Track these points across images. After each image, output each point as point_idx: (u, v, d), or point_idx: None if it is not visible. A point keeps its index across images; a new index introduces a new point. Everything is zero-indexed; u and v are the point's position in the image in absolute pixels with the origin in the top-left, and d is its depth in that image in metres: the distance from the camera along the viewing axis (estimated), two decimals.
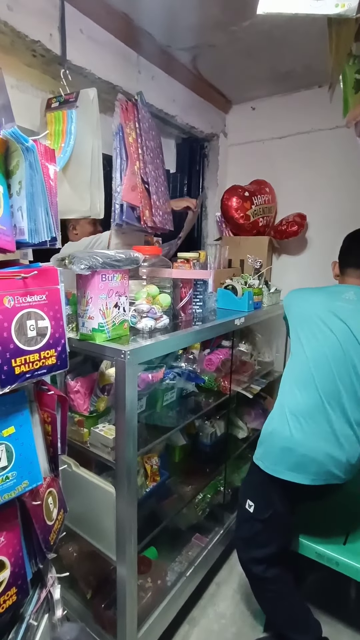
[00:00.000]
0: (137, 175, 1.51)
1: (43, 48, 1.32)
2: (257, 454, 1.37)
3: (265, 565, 1.37)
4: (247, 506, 1.38)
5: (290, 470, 1.26)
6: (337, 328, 1.26)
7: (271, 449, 1.30)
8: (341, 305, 1.30)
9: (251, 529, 1.38)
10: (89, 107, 1.34)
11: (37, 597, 0.94)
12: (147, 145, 1.54)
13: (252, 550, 1.39)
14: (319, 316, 1.32)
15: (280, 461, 1.27)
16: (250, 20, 1.61)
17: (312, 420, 1.24)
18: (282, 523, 1.36)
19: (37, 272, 0.77)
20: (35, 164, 0.74)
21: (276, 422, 1.30)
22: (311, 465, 1.24)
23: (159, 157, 1.70)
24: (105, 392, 1.27)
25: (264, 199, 2.26)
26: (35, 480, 0.83)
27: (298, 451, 1.24)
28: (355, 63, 1.09)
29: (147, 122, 1.59)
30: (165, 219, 1.64)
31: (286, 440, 1.26)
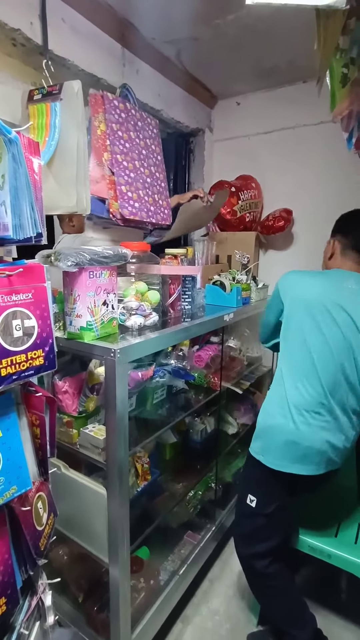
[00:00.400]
0: (105, 166, 1.49)
1: (23, 37, 1.27)
2: (256, 448, 1.34)
3: (269, 559, 1.36)
4: (249, 501, 1.36)
5: (295, 463, 1.26)
6: (342, 321, 1.22)
7: (274, 444, 1.28)
8: (346, 296, 1.25)
9: (253, 524, 1.36)
10: (73, 100, 1.30)
11: (27, 605, 0.91)
12: (119, 136, 1.52)
13: (255, 545, 1.37)
14: (325, 307, 1.24)
15: (284, 455, 1.27)
16: (234, 14, 1.60)
17: (315, 413, 1.24)
18: (285, 515, 1.37)
19: (22, 270, 0.73)
20: (19, 157, 0.71)
21: (278, 416, 1.28)
22: (315, 456, 1.25)
23: (147, 148, 1.67)
24: (94, 392, 1.24)
25: (251, 194, 2.26)
26: (24, 485, 0.80)
27: (303, 444, 1.24)
28: (342, 57, 1.09)
29: (125, 113, 1.55)
30: (146, 211, 1.61)
31: (291, 434, 1.25)
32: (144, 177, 1.64)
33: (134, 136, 1.61)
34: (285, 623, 1.40)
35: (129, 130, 1.58)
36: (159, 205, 1.70)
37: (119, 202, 1.49)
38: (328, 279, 1.33)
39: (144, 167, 1.64)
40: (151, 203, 1.65)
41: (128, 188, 1.54)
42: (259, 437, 1.35)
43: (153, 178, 1.69)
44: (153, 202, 1.67)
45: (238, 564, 1.83)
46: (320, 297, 1.26)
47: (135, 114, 1.62)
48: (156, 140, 1.73)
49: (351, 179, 2.09)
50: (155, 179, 1.70)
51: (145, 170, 1.65)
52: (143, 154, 1.64)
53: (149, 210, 1.64)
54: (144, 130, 1.67)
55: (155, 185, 1.69)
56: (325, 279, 1.33)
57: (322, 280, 1.32)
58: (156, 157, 1.72)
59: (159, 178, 1.72)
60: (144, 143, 1.66)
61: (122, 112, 1.56)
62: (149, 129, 1.69)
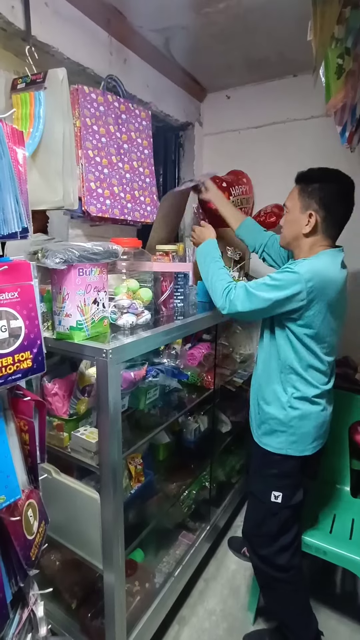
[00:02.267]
0: (78, 163, 1.44)
1: (4, 21, 1.21)
2: (278, 444, 1.29)
3: (292, 550, 1.34)
4: (273, 499, 1.31)
5: (319, 439, 1.33)
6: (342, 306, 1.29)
7: (302, 431, 1.28)
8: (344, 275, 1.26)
9: (280, 520, 1.32)
10: (58, 89, 1.25)
11: (18, 618, 0.87)
12: (93, 131, 1.47)
13: (280, 539, 1.33)
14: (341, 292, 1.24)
15: (314, 438, 1.30)
16: (225, 3, 1.56)
17: (327, 388, 1.31)
18: (304, 498, 1.38)
19: (7, 267, 0.69)
20: (2, 147, 0.66)
21: (305, 406, 1.27)
22: (329, 425, 1.35)
23: (130, 141, 1.61)
24: (85, 394, 1.20)
25: (242, 190, 2.23)
26: (13, 494, 0.76)
27: (326, 421, 1.33)
28: (338, 46, 1.07)
29: (104, 106, 1.50)
30: (120, 208, 1.55)
31: (319, 416, 1.29)
32: (122, 173, 1.58)
33: (114, 130, 1.55)
34: (294, 622, 1.38)
35: (107, 124, 1.52)
36: (139, 202, 1.63)
37: (86, 199, 1.45)
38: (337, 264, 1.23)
39: (124, 162, 1.58)
40: (128, 199, 1.59)
41: (99, 184, 1.49)
42: (280, 431, 1.29)
43: (135, 173, 1.62)
44: (131, 198, 1.60)
45: (233, 563, 1.83)
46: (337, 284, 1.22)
47: (118, 106, 1.57)
48: (144, 133, 1.67)
49: None
50: (137, 174, 1.63)
51: (125, 166, 1.59)
52: (124, 148, 1.58)
53: (125, 207, 1.57)
54: (129, 122, 1.61)
55: (136, 181, 1.63)
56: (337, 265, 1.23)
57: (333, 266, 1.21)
58: (142, 151, 1.66)
59: (142, 173, 1.65)
60: (127, 136, 1.60)
61: (100, 105, 1.51)
62: (135, 121, 1.63)
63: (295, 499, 1.32)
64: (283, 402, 1.28)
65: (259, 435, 1.36)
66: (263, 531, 1.36)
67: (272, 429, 1.31)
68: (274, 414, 1.30)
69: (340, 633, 1.52)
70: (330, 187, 1.22)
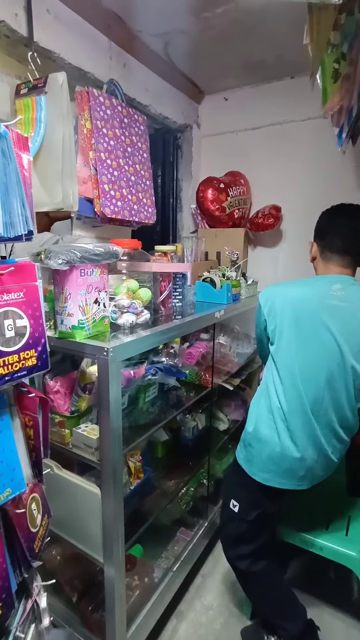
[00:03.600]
0: (89, 165, 1.47)
1: (8, 28, 1.23)
2: (241, 456, 1.33)
3: (251, 559, 1.37)
4: (232, 506, 1.36)
5: (278, 477, 1.24)
6: (327, 342, 1.17)
7: (258, 455, 1.26)
8: (333, 305, 1.17)
9: (237, 529, 1.36)
10: (58, 93, 1.27)
11: (22, 608, 0.90)
12: (103, 133, 1.50)
13: (239, 548, 1.38)
14: (311, 322, 1.19)
15: (268, 469, 1.25)
16: (223, 7, 1.59)
17: (300, 427, 1.21)
18: (268, 521, 1.37)
19: (13, 269, 0.72)
20: (9, 152, 0.69)
21: (264, 428, 1.25)
22: (299, 471, 1.23)
23: (133, 145, 1.65)
24: (86, 391, 1.23)
25: (239, 191, 2.26)
26: (18, 487, 0.79)
27: (287, 459, 1.22)
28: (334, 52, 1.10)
29: (111, 109, 1.53)
30: (129, 210, 1.59)
31: (275, 448, 1.22)
32: (128, 175, 1.62)
33: (120, 133, 1.58)
34: (276, 616, 1.41)
35: (114, 127, 1.56)
36: (143, 204, 1.67)
37: (101, 201, 1.48)
38: (311, 289, 1.24)
39: (129, 165, 1.62)
40: (134, 202, 1.63)
41: (111, 187, 1.52)
42: (244, 446, 1.33)
43: (138, 176, 1.66)
44: (137, 200, 1.64)
45: None
46: (304, 310, 1.20)
47: (121, 111, 1.60)
48: (143, 137, 1.71)
49: (339, 175, 2.11)
50: (140, 177, 1.67)
51: (130, 169, 1.63)
52: (128, 152, 1.62)
53: (132, 209, 1.61)
54: (131, 127, 1.65)
55: (139, 184, 1.67)
56: (309, 290, 1.24)
57: (306, 292, 1.24)
58: (142, 155, 1.70)
59: (143, 176, 1.69)
60: (130, 140, 1.64)
61: (107, 109, 1.54)
62: (135, 126, 1.67)
63: (250, 517, 1.32)
64: (253, 417, 1.31)
65: (239, 441, 1.40)
66: (224, 532, 1.44)
67: (242, 439, 1.36)
68: (246, 426, 1.34)
69: (335, 628, 1.55)
70: (325, 219, 1.33)
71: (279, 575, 1.45)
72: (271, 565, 1.41)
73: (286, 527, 1.52)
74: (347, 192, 2.07)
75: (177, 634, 1.51)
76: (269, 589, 1.41)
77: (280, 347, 1.24)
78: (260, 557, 1.38)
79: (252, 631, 1.50)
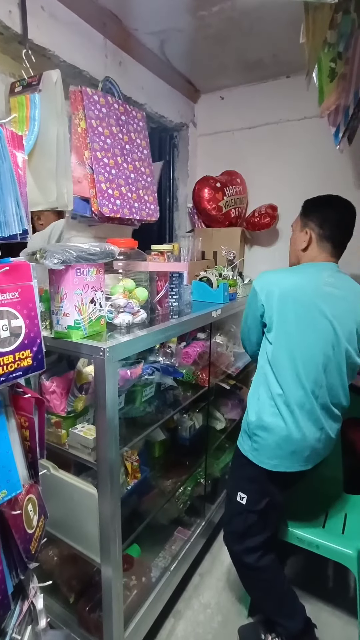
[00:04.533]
0: (85, 164, 1.46)
1: (2, 25, 1.22)
2: (246, 447, 1.34)
3: (260, 552, 1.37)
4: (239, 499, 1.35)
5: (286, 460, 1.27)
6: (323, 327, 1.22)
7: (265, 443, 1.27)
8: (325, 297, 1.23)
9: (245, 522, 1.36)
10: (52, 91, 1.26)
11: (19, 609, 0.89)
12: (99, 132, 1.49)
13: (246, 541, 1.37)
14: (307, 308, 1.23)
15: (276, 455, 1.27)
16: (219, 6, 1.58)
17: (303, 410, 1.24)
18: (276, 510, 1.38)
19: (8, 268, 0.71)
20: (3, 151, 0.68)
21: (267, 416, 1.27)
22: (304, 451, 1.27)
23: (131, 142, 1.63)
24: (83, 391, 1.22)
25: (236, 190, 2.26)
26: (14, 489, 0.78)
27: (293, 441, 1.25)
28: (330, 51, 1.10)
29: (106, 107, 1.52)
30: (129, 208, 1.58)
31: (282, 433, 1.25)
32: (127, 173, 1.61)
33: (117, 131, 1.57)
34: (277, 614, 1.42)
35: (110, 125, 1.54)
36: (144, 201, 1.67)
37: (99, 200, 1.47)
38: (306, 277, 1.28)
39: (128, 163, 1.61)
40: (135, 199, 1.62)
41: (108, 185, 1.51)
42: (248, 436, 1.34)
43: (138, 173, 1.65)
44: (137, 197, 1.63)
45: (227, 557, 1.84)
46: (302, 297, 1.24)
47: (118, 108, 1.59)
48: (142, 134, 1.70)
49: (335, 174, 2.12)
50: (140, 173, 1.66)
51: (129, 166, 1.62)
52: (127, 149, 1.61)
53: (132, 207, 1.60)
54: (128, 124, 1.63)
55: (140, 180, 1.66)
56: (303, 278, 1.28)
57: (301, 279, 1.28)
58: (141, 151, 1.69)
59: (144, 173, 1.68)
60: (128, 137, 1.63)
61: (103, 107, 1.53)
62: (133, 122, 1.66)
63: (259, 506, 1.33)
64: (255, 407, 1.32)
65: (240, 433, 1.40)
66: (231, 528, 1.43)
67: (244, 429, 1.37)
68: (247, 417, 1.35)
69: (332, 625, 1.56)
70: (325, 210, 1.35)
71: (282, 573, 1.45)
72: (276, 562, 1.41)
73: (283, 525, 1.52)
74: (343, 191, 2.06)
75: (175, 633, 1.51)
76: (272, 586, 1.41)
77: (280, 334, 1.27)
78: (268, 551, 1.39)
79: (250, 629, 1.51)
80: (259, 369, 1.37)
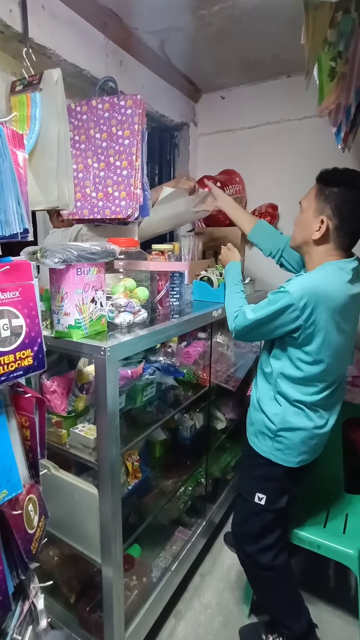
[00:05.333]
0: None
1: (2, 24, 1.22)
2: (265, 448, 1.31)
3: (276, 550, 1.36)
4: (257, 500, 1.33)
5: (310, 455, 1.31)
6: (350, 329, 1.22)
7: (291, 442, 1.27)
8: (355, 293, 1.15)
9: (262, 521, 1.35)
10: (53, 90, 1.26)
11: (19, 610, 0.89)
12: (74, 141, 1.50)
13: (262, 541, 1.36)
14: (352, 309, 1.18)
15: (301, 452, 1.28)
16: (220, 5, 1.58)
17: (329, 404, 1.28)
18: (291, 504, 1.38)
19: (9, 267, 0.71)
20: (4, 150, 0.68)
21: (291, 416, 1.25)
22: (323, 439, 1.32)
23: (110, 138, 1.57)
24: (83, 391, 1.22)
25: (235, 189, 2.26)
26: (15, 489, 0.78)
27: (319, 434, 1.28)
28: (330, 50, 1.09)
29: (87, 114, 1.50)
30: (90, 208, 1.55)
31: (308, 429, 1.26)
32: (96, 172, 1.56)
33: (94, 133, 1.54)
34: (284, 615, 1.41)
35: (88, 129, 1.52)
36: (113, 198, 1.59)
37: None
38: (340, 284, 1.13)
39: (100, 161, 1.55)
40: (100, 198, 1.56)
41: (76, 186, 1.51)
42: (270, 438, 1.30)
43: (110, 169, 1.57)
44: (103, 196, 1.57)
45: (228, 557, 1.86)
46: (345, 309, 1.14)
47: (102, 107, 1.54)
48: (126, 123, 1.60)
49: None
50: (112, 169, 1.58)
51: (101, 164, 1.55)
52: (102, 147, 1.54)
53: (95, 206, 1.55)
54: (112, 118, 1.55)
55: (110, 177, 1.57)
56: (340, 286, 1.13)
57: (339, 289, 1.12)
58: (121, 144, 1.60)
59: (118, 167, 1.60)
60: (107, 134, 1.56)
61: (83, 115, 1.51)
62: (118, 114, 1.57)
63: (279, 504, 1.33)
64: (275, 410, 1.29)
65: (250, 435, 1.39)
66: (246, 529, 1.40)
67: (261, 431, 1.33)
68: (264, 418, 1.32)
69: (333, 625, 1.55)
70: (350, 194, 1.13)
71: (294, 573, 1.44)
72: (289, 562, 1.41)
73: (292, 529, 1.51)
74: None
75: (176, 634, 1.51)
76: (285, 586, 1.40)
77: (322, 349, 1.18)
78: (283, 548, 1.39)
79: (251, 630, 1.50)
80: (275, 375, 1.28)
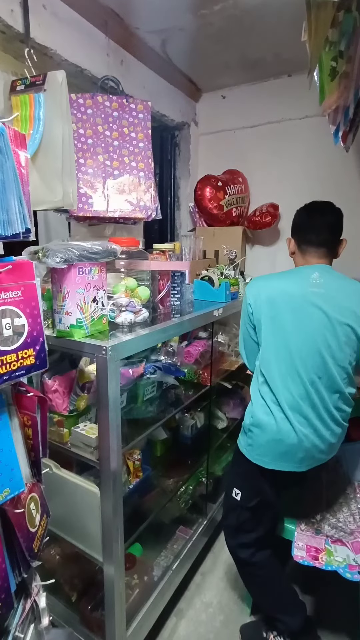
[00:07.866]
0: None
1: (3, 24, 1.22)
2: (242, 443, 1.36)
3: (253, 549, 1.39)
4: (234, 494, 1.38)
5: (277, 460, 1.27)
6: (316, 317, 1.22)
7: (257, 439, 1.29)
8: (313, 292, 1.24)
9: (239, 517, 1.38)
10: (57, 91, 1.26)
11: (21, 607, 0.90)
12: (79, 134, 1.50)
13: (240, 536, 1.40)
14: (299, 306, 1.24)
15: (267, 452, 1.28)
16: (221, 4, 1.58)
17: (298, 411, 1.23)
18: (269, 509, 1.38)
19: (11, 267, 0.71)
20: (6, 150, 0.68)
21: (260, 414, 1.28)
22: (297, 453, 1.25)
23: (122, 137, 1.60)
24: (85, 390, 1.22)
25: (237, 189, 2.25)
26: (17, 487, 0.78)
27: (285, 442, 1.24)
28: (332, 49, 1.09)
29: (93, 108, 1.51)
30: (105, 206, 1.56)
31: (274, 432, 1.25)
32: (110, 170, 1.56)
33: (103, 129, 1.55)
34: (276, 610, 1.42)
35: (95, 125, 1.53)
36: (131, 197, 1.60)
37: None
38: (292, 280, 1.30)
39: (112, 160, 1.57)
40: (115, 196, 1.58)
41: (82, 184, 1.51)
42: (244, 432, 1.36)
43: (125, 169, 1.58)
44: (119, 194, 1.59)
45: (229, 556, 1.85)
46: (292, 300, 1.25)
47: (109, 105, 1.55)
48: (139, 126, 1.61)
49: (336, 173, 2.11)
50: (128, 169, 1.59)
51: (114, 163, 1.58)
52: (114, 145, 1.57)
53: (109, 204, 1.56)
54: (122, 118, 1.58)
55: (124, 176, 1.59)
56: (291, 280, 1.30)
57: (289, 282, 1.29)
58: (135, 145, 1.61)
59: (135, 168, 1.62)
60: (119, 133, 1.59)
61: (88, 108, 1.52)
62: (130, 116, 1.59)
63: (251, 503, 1.35)
64: (251, 405, 1.34)
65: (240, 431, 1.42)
66: (227, 522, 1.46)
67: (242, 426, 1.38)
68: (246, 413, 1.36)
69: (334, 625, 1.55)
70: (297, 216, 1.40)
71: (280, 569, 1.45)
72: (273, 558, 1.42)
73: (281, 523, 1.52)
74: (344, 190, 2.08)
75: (177, 632, 1.51)
76: (269, 582, 1.42)
77: (269, 334, 1.29)
78: (262, 548, 1.40)
79: (252, 628, 1.51)
80: (255, 368, 1.37)
